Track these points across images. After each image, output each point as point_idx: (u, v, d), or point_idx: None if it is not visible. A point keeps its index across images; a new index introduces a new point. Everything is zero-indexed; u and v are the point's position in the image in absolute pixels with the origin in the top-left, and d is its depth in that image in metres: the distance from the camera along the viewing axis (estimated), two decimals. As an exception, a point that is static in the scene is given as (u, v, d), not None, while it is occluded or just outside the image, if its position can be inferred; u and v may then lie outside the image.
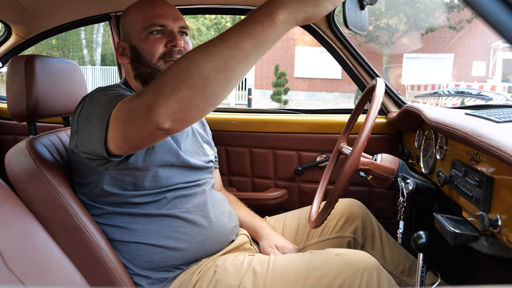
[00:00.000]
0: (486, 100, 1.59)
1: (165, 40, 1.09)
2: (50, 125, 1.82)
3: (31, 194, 1.04)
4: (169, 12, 1.11)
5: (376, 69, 1.72)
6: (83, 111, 0.95)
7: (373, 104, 1.03)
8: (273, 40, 0.64)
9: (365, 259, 1.01)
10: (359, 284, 0.96)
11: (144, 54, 1.09)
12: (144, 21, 1.09)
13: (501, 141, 0.73)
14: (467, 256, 1.37)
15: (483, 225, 0.79)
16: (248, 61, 0.65)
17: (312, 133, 1.77)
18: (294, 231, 1.38)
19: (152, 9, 1.10)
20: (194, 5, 1.76)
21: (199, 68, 0.65)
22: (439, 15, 15.52)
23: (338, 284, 0.96)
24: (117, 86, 1.10)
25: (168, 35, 1.10)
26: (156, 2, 1.12)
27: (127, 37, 1.14)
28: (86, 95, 1.03)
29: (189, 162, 1.14)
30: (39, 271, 0.58)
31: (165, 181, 1.09)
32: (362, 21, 1.41)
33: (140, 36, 1.10)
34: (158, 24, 1.09)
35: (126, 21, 1.14)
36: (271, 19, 0.62)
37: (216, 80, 0.65)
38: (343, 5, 0.86)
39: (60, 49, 18.36)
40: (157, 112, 0.68)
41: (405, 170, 1.16)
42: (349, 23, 1.31)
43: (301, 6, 0.62)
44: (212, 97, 0.67)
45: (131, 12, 1.13)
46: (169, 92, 0.67)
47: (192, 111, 0.68)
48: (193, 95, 0.66)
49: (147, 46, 1.09)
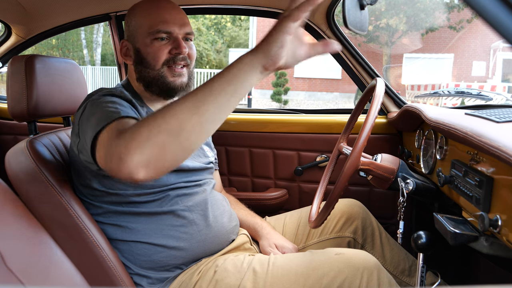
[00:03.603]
0: (486, 100, 1.59)
1: (170, 47, 1.09)
2: (50, 125, 1.82)
3: (31, 194, 1.03)
4: (176, 18, 1.10)
5: (376, 69, 1.72)
6: (85, 114, 0.96)
7: (373, 104, 1.03)
8: (240, 79, 0.69)
9: (365, 258, 1.01)
10: (359, 284, 0.96)
11: (148, 59, 1.10)
12: (150, 26, 1.08)
13: (501, 141, 0.73)
14: (467, 256, 1.37)
15: (483, 225, 0.79)
16: (219, 101, 0.68)
17: (312, 133, 1.77)
18: (294, 231, 1.38)
19: (159, 14, 1.09)
20: (194, 5, 1.76)
21: (175, 111, 0.68)
22: (439, 15, 15.51)
23: (338, 283, 0.96)
24: (119, 91, 1.07)
25: (173, 42, 1.10)
26: (163, 5, 1.10)
27: (131, 38, 1.13)
28: (89, 96, 1.04)
29: (187, 167, 1.14)
30: (39, 271, 0.58)
31: (165, 181, 1.09)
32: (362, 21, 1.41)
33: (145, 40, 1.09)
34: (164, 31, 1.08)
35: (132, 22, 1.13)
36: (238, 61, 0.70)
37: (190, 123, 0.68)
38: (343, 5, 0.86)
39: (60, 49, 18.35)
40: (130, 162, 0.68)
41: (405, 170, 1.16)
42: (349, 23, 1.31)
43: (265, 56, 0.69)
44: (187, 143, 0.69)
45: (137, 13, 1.12)
46: (144, 139, 0.68)
47: (168, 158, 0.69)
48: (169, 140, 0.68)
49: (151, 52, 1.09)
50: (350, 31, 1.35)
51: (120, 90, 1.10)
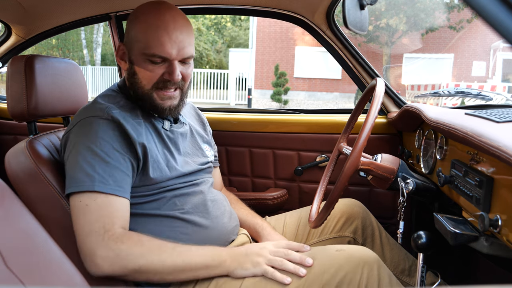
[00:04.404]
0: (486, 100, 1.58)
1: (163, 70, 1.06)
2: (50, 125, 1.82)
3: (31, 194, 1.04)
4: (175, 42, 1.04)
5: (376, 69, 1.72)
6: (70, 141, 1.04)
7: (373, 104, 1.03)
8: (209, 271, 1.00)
9: (365, 253, 1.01)
10: (359, 279, 0.96)
11: (139, 76, 1.08)
12: (146, 46, 1.04)
13: (501, 141, 0.73)
14: (467, 256, 1.37)
15: (483, 225, 0.79)
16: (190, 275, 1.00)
17: (312, 133, 1.77)
18: (294, 231, 1.38)
19: (159, 35, 1.03)
20: (194, 5, 1.76)
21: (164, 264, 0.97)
22: (439, 15, 15.51)
23: (339, 279, 0.96)
24: (111, 109, 1.05)
25: (168, 66, 1.06)
26: (165, 24, 1.04)
27: (128, 46, 1.10)
28: (80, 113, 1.07)
29: (183, 172, 1.14)
30: (39, 271, 0.58)
31: (161, 183, 1.09)
32: (362, 21, 1.41)
33: (140, 58, 1.06)
34: (159, 56, 1.04)
35: (131, 31, 1.08)
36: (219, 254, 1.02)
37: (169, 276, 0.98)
38: (343, 5, 0.86)
39: (60, 49, 18.36)
40: (101, 268, 0.93)
41: (405, 170, 1.16)
42: (349, 23, 1.31)
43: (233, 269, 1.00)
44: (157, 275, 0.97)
45: (137, 25, 1.07)
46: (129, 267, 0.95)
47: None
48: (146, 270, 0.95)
49: (143, 71, 1.06)
50: (350, 31, 1.34)
51: (110, 107, 1.06)
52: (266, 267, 0.98)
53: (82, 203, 0.97)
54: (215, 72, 15.80)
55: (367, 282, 0.95)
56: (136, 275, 0.95)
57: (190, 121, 1.32)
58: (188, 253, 0.99)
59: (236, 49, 21.03)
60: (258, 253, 1.01)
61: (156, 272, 0.96)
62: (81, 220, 0.96)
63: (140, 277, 0.96)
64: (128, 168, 1.02)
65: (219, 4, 1.76)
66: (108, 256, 0.93)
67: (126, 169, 1.02)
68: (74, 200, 0.98)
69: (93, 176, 0.97)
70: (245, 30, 23.30)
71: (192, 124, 1.32)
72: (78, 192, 0.97)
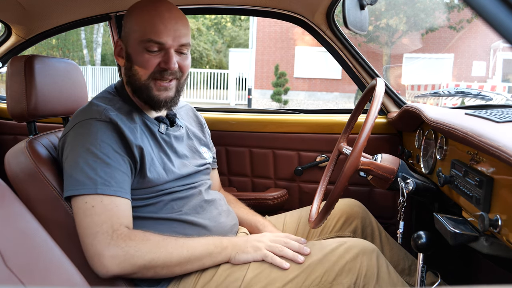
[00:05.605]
0: (486, 100, 1.58)
1: (160, 59, 1.06)
2: (50, 125, 1.82)
3: (31, 194, 1.04)
4: (171, 29, 1.05)
5: (376, 69, 1.72)
6: (68, 144, 1.03)
7: (373, 104, 1.03)
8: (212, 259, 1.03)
9: (364, 244, 1.03)
10: (359, 267, 0.97)
11: (136, 67, 1.08)
12: (142, 34, 1.05)
13: (501, 141, 0.73)
14: (467, 256, 1.37)
15: (483, 225, 0.79)
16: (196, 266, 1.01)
17: (312, 133, 1.77)
18: (294, 231, 1.38)
19: (154, 23, 1.04)
20: (194, 5, 1.76)
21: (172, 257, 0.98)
22: (439, 15, 15.51)
23: (339, 267, 0.97)
24: (108, 111, 1.05)
25: (164, 54, 1.06)
26: (160, 13, 1.05)
27: (125, 40, 1.11)
28: (77, 116, 1.06)
29: (181, 174, 1.14)
30: (39, 271, 0.58)
31: (159, 186, 1.09)
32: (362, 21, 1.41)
33: (137, 48, 1.06)
34: (155, 42, 1.04)
35: (127, 24, 1.10)
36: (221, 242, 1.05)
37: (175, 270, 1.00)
38: (343, 5, 0.86)
39: (60, 49, 18.37)
40: (109, 268, 0.93)
41: (405, 170, 1.16)
42: (349, 23, 1.31)
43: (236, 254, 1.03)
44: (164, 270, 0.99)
45: (133, 16, 1.09)
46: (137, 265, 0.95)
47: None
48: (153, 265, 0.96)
49: (140, 61, 1.06)
50: (350, 31, 1.34)
51: (107, 109, 1.05)
52: (266, 252, 1.01)
53: (88, 204, 0.96)
54: (215, 72, 15.79)
55: (366, 270, 0.97)
56: (144, 271, 0.96)
57: (188, 124, 1.32)
58: (191, 243, 1.01)
59: (236, 49, 21.03)
60: (258, 240, 1.05)
61: (164, 265, 0.96)
62: (87, 222, 0.96)
63: (148, 273, 0.96)
64: (127, 169, 1.02)
65: (219, 4, 1.76)
66: (117, 255, 0.93)
67: (126, 170, 1.02)
68: (78, 202, 0.97)
69: (95, 178, 0.97)
70: (245, 30, 23.30)
71: (190, 126, 1.32)
72: (81, 194, 0.97)
